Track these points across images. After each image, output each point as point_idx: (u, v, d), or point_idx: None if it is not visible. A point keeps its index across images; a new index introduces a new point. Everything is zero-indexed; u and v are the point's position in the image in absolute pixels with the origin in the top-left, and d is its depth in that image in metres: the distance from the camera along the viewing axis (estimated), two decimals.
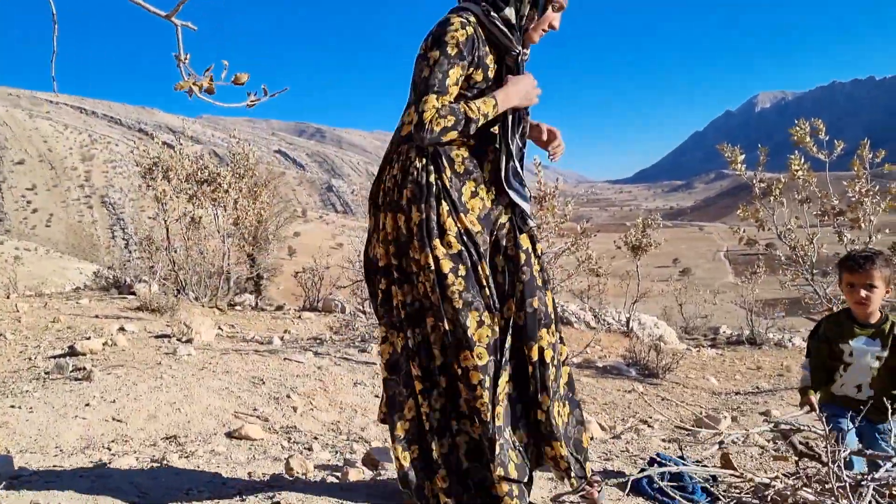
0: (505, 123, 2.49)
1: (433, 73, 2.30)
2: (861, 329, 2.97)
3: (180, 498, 2.78)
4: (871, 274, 2.90)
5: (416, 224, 2.37)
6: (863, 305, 2.94)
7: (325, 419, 4.99)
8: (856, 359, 2.96)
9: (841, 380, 3.00)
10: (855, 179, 7.57)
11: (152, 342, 6.71)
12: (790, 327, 14.61)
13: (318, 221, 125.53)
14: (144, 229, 11.94)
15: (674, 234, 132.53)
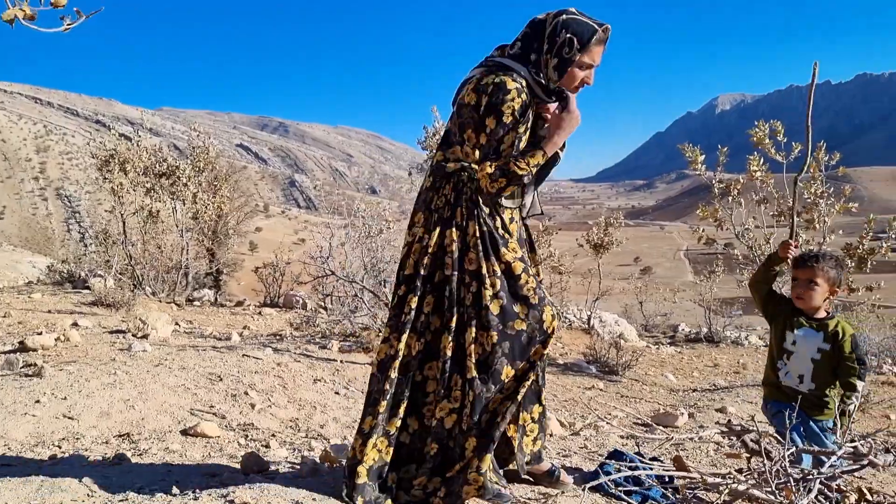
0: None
1: (489, 142, 2.57)
2: (808, 320, 3.09)
3: (131, 496, 2.71)
4: (815, 271, 3.04)
5: (477, 237, 2.61)
6: (800, 300, 3.08)
7: (283, 416, 4.92)
8: (798, 348, 3.07)
9: (785, 368, 3.10)
10: (811, 181, 7.72)
11: (107, 338, 6.56)
12: (747, 325, 14.90)
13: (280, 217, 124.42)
14: (100, 223, 11.69)
15: (635, 233, 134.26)
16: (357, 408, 5.48)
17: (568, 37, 2.62)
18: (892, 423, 6.91)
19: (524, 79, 2.62)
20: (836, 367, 3.04)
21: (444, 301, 2.62)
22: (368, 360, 6.80)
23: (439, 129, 7.06)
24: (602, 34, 2.64)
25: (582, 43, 2.61)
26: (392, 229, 8.46)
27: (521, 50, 2.68)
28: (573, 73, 2.66)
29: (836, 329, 3.06)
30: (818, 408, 3.03)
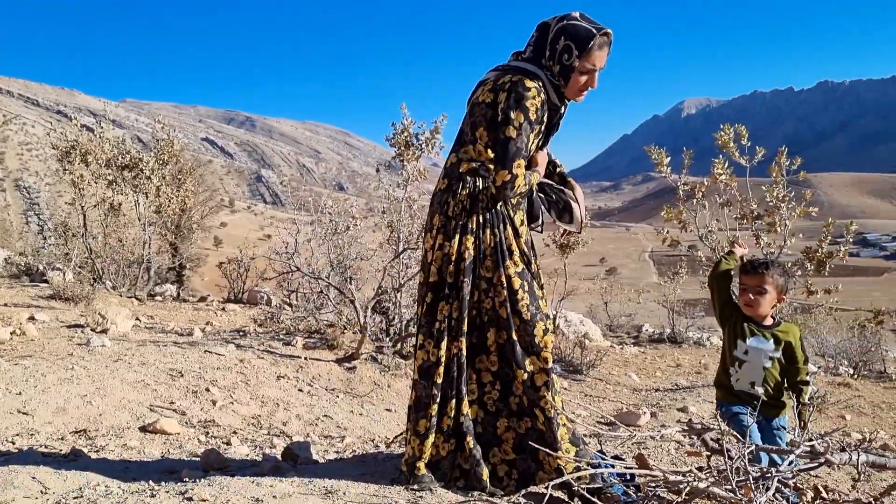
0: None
1: (520, 137, 2.66)
2: (758, 328, 3.13)
3: (86, 493, 2.65)
4: (763, 279, 3.09)
5: (491, 246, 2.77)
6: (749, 307, 3.13)
7: (245, 413, 4.87)
8: (750, 357, 3.11)
9: (736, 375, 3.14)
10: (773, 185, 7.85)
11: (64, 332, 6.42)
12: (708, 326, 15.11)
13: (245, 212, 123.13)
14: (60, 215, 11.45)
15: (601, 234, 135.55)
16: (320, 405, 5.43)
17: (566, 44, 2.71)
18: (848, 423, 7.06)
19: (541, 80, 2.73)
20: (786, 370, 3.11)
21: (463, 305, 2.79)
22: (333, 357, 6.75)
23: (408, 126, 7.03)
24: (600, 38, 2.71)
25: (580, 49, 2.70)
26: (359, 226, 8.40)
27: (533, 54, 2.79)
28: (576, 80, 2.75)
29: (785, 336, 3.12)
30: (773, 408, 3.09)
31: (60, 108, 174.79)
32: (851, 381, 9.27)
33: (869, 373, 10.57)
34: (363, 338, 6.66)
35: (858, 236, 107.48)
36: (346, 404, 5.62)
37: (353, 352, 6.74)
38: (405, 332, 7.17)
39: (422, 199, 7.50)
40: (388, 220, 7.36)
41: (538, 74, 2.74)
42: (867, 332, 11.23)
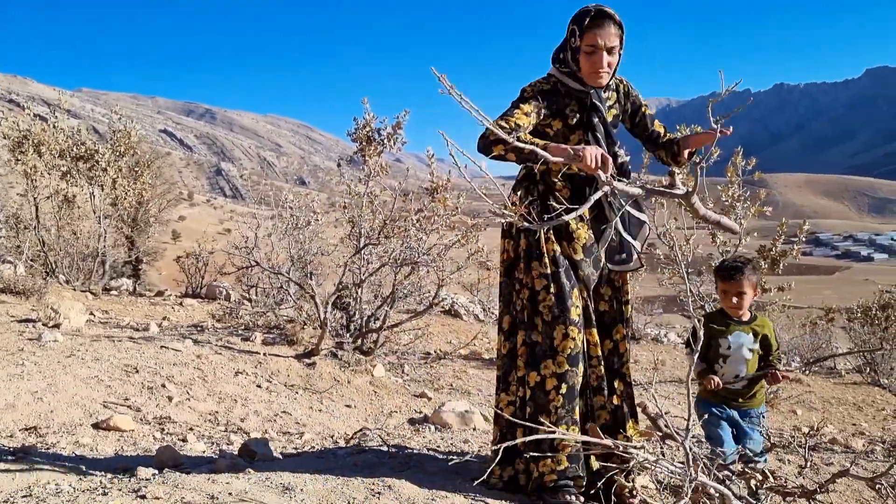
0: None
1: (508, 108, 2.83)
2: (736, 325, 3.36)
3: (36, 492, 2.59)
4: (741, 283, 3.31)
5: (524, 249, 2.94)
6: (734, 309, 3.36)
7: (202, 409, 4.80)
8: (733, 351, 3.33)
9: (721, 370, 3.34)
10: (729, 185, 8.00)
11: (15, 327, 6.26)
12: (666, 323, 15.34)
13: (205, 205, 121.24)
14: (11, 207, 11.13)
15: None
16: (279, 401, 5.39)
17: (570, 28, 2.87)
18: (799, 417, 7.24)
19: (552, 75, 2.96)
20: (765, 357, 3.37)
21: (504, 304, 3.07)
22: (293, 353, 6.70)
23: (370, 121, 6.99)
24: (594, 14, 2.79)
25: (579, 30, 2.81)
26: (320, 221, 8.33)
27: (555, 52, 3.00)
28: (584, 61, 2.85)
29: (762, 329, 3.38)
30: (751, 398, 3.36)
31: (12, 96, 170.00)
32: (803, 377, 9.50)
33: (819, 369, 10.84)
34: (323, 333, 6.62)
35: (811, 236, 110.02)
36: (305, 400, 5.58)
37: (312, 348, 6.69)
38: (366, 327, 7.14)
39: (383, 194, 7.48)
40: (349, 216, 7.32)
41: (550, 71, 2.98)
42: (818, 330, 11.53)
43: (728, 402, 3.34)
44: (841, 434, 6.16)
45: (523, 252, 2.94)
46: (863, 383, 9.71)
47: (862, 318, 10.51)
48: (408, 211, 7.13)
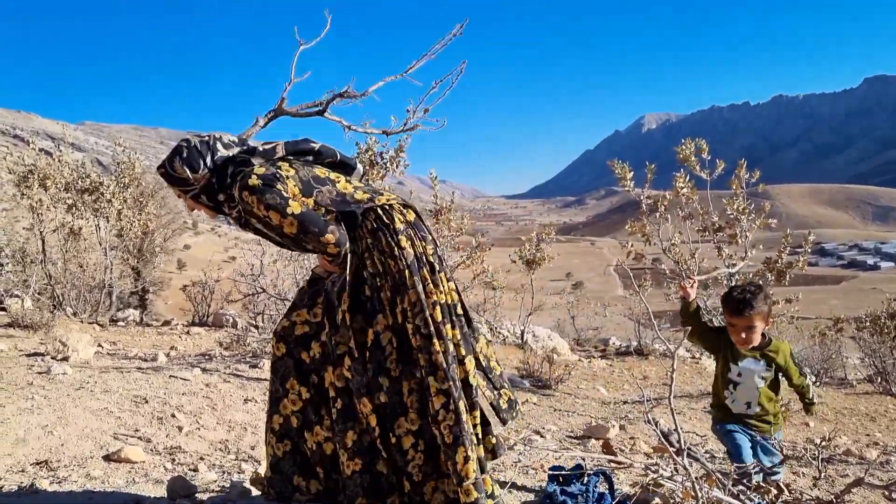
0: None
1: None
2: (748, 351, 3.18)
3: None
4: (751, 318, 3.10)
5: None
6: (744, 343, 3.16)
7: (212, 438, 4.79)
8: (744, 379, 3.17)
9: (732, 397, 3.21)
10: (733, 198, 8.01)
11: (24, 361, 6.27)
12: (675, 338, 15.28)
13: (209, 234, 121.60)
14: (18, 241, 11.19)
15: (567, 249, 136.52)
16: None
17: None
18: (812, 429, 7.19)
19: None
20: (789, 384, 3.23)
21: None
22: None
23: (372, 145, 7.04)
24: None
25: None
26: None
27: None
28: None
29: (776, 356, 3.18)
30: (767, 425, 3.20)
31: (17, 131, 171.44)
32: (814, 388, 9.44)
33: (830, 380, 10.77)
34: None
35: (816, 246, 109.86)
36: None
37: None
38: None
39: None
40: None
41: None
42: (828, 340, 11.46)
43: (742, 422, 3.20)
44: (855, 445, 6.11)
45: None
46: (875, 393, 9.64)
47: (871, 328, 10.45)
48: None
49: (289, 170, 2.68)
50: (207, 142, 2.76)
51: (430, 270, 2.70)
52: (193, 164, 2.71)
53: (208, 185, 2.75)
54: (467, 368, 2.74)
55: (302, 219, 2.55)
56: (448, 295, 2.74)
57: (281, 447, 2.75)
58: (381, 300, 2.67)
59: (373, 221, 2.69)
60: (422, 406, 2.66)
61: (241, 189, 2.58)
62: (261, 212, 2.56)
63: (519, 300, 13.91)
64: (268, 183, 2.56)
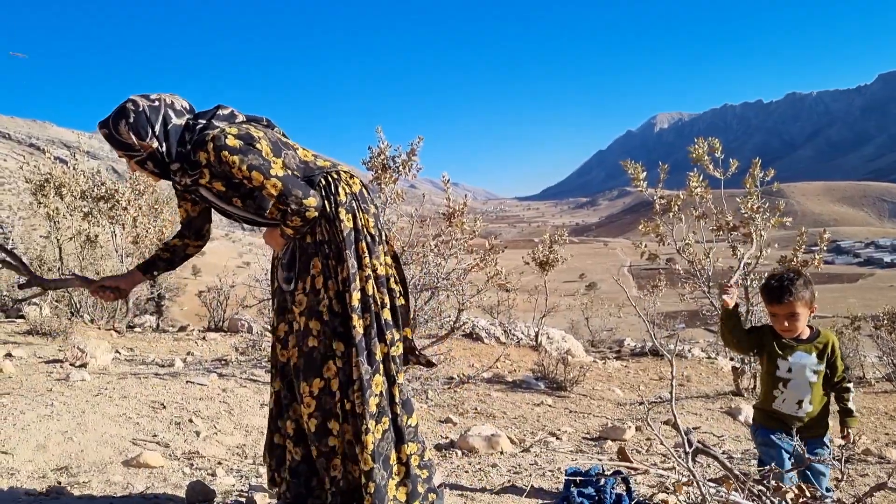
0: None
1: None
2: (798, 344, 3.02)
3: None
4: (792, 304, 2.96)
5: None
6: (788, 332, 3.02)
7: (229, 443, 4.82)
8: (795, 374, 2.99)
9: (781, 396, 3.01)
10: (747, 196, 7.97)
11: (43, 368, 6.33)
12: (690, 338, 15.23)
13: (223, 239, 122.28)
14: (35, 249, 11.31)
15: (580, 250, 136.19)
16: None
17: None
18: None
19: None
20: (829, 380, 3.05)
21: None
22: None
23: (384, 149, 7.06)
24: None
25: None
26: None
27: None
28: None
29: (826, 347, 3.03)
30: (814, 428, 3.03)
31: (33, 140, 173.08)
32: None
33: (848, 373, 10.68)
34: None
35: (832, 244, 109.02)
36: None
37: None
38: None
39: (400, 221, 7.52)
40: None
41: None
42: (845, 339, 11.38)
43: (787, 427, 2.98)
44: (874, 444, 6.06)
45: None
46: (893, 392, 9.55)
47: (889, 326, 10.36)
48: (425, 236, 7.17)
49: (258, 132, 2.60)
50: (158, 108, 2.62)
51: (369, 243, 2.67)
52: (140, 130, 2.58)
53: (156, 152, 2.63)
54: (395, 342, 2.73)
55: (286, 180, 2.51)
56: (384, 268, 2.72)
57: (298, 451, 2.76)
58: (328, 266, 2.65)
59: (322, 189, 2.65)
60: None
61: (217, 150, 2.48)
62: (242, 173, 2.48)
63: (533, 302, 13.90)
64: (247, 143, 2.50)
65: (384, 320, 2.68)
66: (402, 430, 2.67)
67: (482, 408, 6.89)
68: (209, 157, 2.53)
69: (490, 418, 6.50)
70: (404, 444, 2.67)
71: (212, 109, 2.71)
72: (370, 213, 2.73)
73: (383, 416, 2.62)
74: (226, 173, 2.55)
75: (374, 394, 2.60)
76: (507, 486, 3.68)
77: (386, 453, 2.61)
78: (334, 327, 2.64)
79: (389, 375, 2.68)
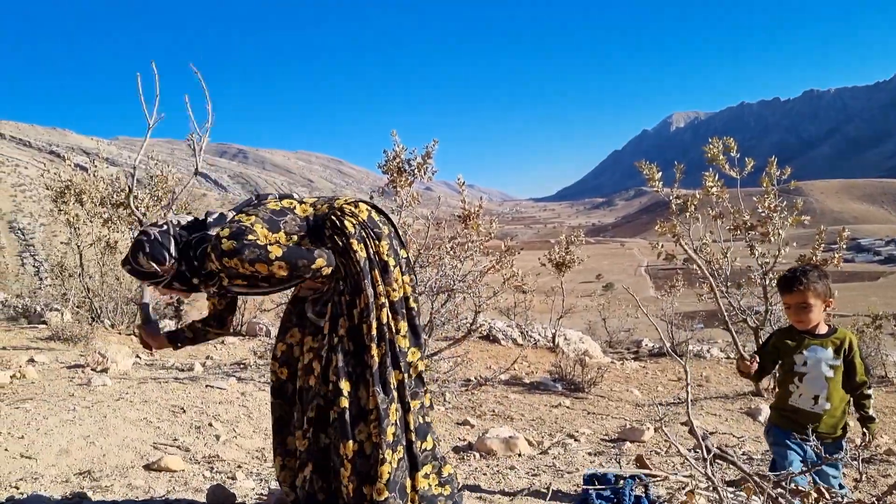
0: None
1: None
2: (812, 339, 3.03)
3: None
4: (804, 295, 2.99)
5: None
6: (800, 323, 3.04)
7: (249, 446, 4.86)
8: (810, 368, 3.00)
9: (798, 391, 3.02)
10: (764, 195, 7.91)
11: (65, 373, 6.41)
12: (708, 338, 15.12)
13: None
14: (56, 255, 11.44)
15: (596, 251, 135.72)
16: None
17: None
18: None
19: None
20: (848, 381, 3.03)
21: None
22: None
23: (399, 153, 7.08)
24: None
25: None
26: None
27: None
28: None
29: (843, 343, 3.03)
30: (831, 427, 3.02)
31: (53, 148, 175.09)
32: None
33: (870, 378, 10.57)
34: None
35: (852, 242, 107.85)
36: None
37: None
38: None
39: (416, 223, 7.54)
40: None
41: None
42: (866, 338, 11.25)
43: (802, 429, 2.91)
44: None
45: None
46: None
47: None
48: (441, 239, 7.18)
49: (248, 218, 2.65)
50: (168, 231, 2.73)
51: (381, 269, 2.69)
52: (158, 257, 2.69)
53: (178, 273, 2.74)
54: (409, 367, 2.75)
55: (287, 257, 2.54)
56: (402, 289, 2.75)
57: (307, 470, 2.79)
58: (341, 303, 2.68)
59: (329, 228, 2.69)
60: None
61: (219, 258, 2.54)
62: (247, 269, 2.53)
63: (549, 303, 13.86)
64: (239, 239, 2.53)
65: (398, 348, 2.70)
66: (415, 457, 2.70)
67: (500, 410, 6.89)
68: (215, 265, 2.60)
69: (508, 420, 6.50)
70: (418, 470, 2.70)
71: (204, 219, 2.81)
72: (383, 236, 2.75)
73: (399, 444, 2.65)
74: (237, 273, 2.61)
75: (391, 423, 2.63)
76: (527, 490, 3.68)
77: (402, 482, 2.64)
78: (343, 364, 2.67)
79: (404, 402, 2.70)
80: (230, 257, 2.51)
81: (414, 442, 2.69)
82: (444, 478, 2.79)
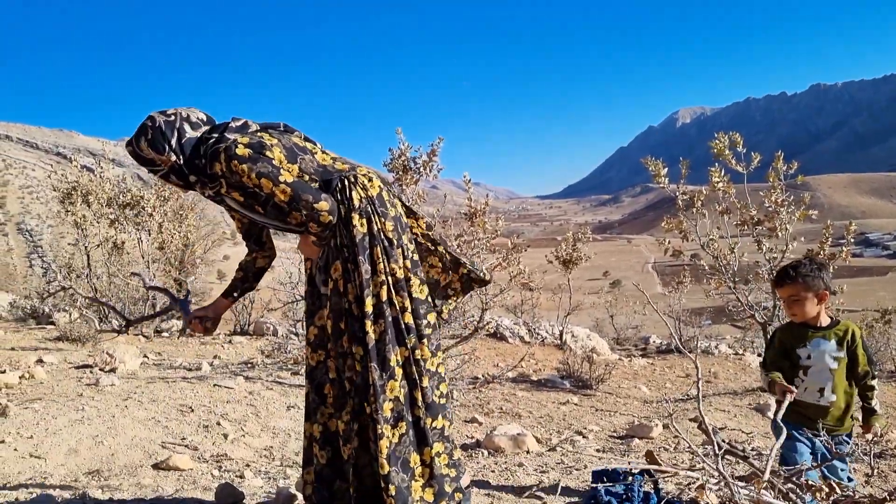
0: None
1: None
2: (815, 331, 3.04)
3: None
4: (794, 288, 3.01)
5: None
6: (794, 316, 3.06)
7: (257, 445, 4.86)
8: (814, 360, 3.01)
9: (803, 385, 3.02)
10: (771, 190, 7.87)
11: (73, 373, 6.43)
12: (716, 335, 15.08)
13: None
14: (64, 256, 11.48)
15: (603, 248, 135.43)
16: None
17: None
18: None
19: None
20: (851, 372, 3.03)
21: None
22: None
23: (405, 151, 7.06)
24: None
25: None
26: None
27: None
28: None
29: (846, 335, 3.03)
30: (837, 419, 3.03)
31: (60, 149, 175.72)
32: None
33: (879, 373, 10.52)
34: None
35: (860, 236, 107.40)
36: None
37: None
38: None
39: None
40: None
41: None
42: (875, 332, 11.20)
43: (810, 423, 2.95)
44: None
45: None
46: None
47: None
48: (448, 237, 7.16)
49: (271, 139, 2.62)
50: (173, 122, 2.67)
51: (386, 247, 2.65)
52: (158, 145, 2.63)
53: (176, 166, 2.68)
54: (418, 345, 2.70)
55: (296, 186, 2.51)
56: (403, 270, 2.70)
57: (324, 454, 2.77)
58: (349, 270, 2.64)
59: (337, 192, 2.65)
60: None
61: (228, 160, 2.51)
62: (252, 181, 2.50)
63: (557, 300, 13.85)
64: (257, 151, 2.52)
65: (405, 324, 2.66)
66: (425, 433, 2.65)
67: (508, 407, 6.89)
68: (222, 167, 2.56)
69: (516, 417, 6.49)
70: (428, 446, 2.65)
71: (224, 123, 2.74)
72: (388, 216, 2.69)
73: (400, 420, 2.62)
74: (240, 183, 2.57)
75: (389, 399, 2.59)
76: (535, 487, 3.67)
77: (405, 456, 2.60)
78: (354, 331, 2.65)
79: (411, 379, 2.65)
80: (241, 162, 2.50)
81: (422, 418, 2.65)
82: (453, 460, 2.76)
